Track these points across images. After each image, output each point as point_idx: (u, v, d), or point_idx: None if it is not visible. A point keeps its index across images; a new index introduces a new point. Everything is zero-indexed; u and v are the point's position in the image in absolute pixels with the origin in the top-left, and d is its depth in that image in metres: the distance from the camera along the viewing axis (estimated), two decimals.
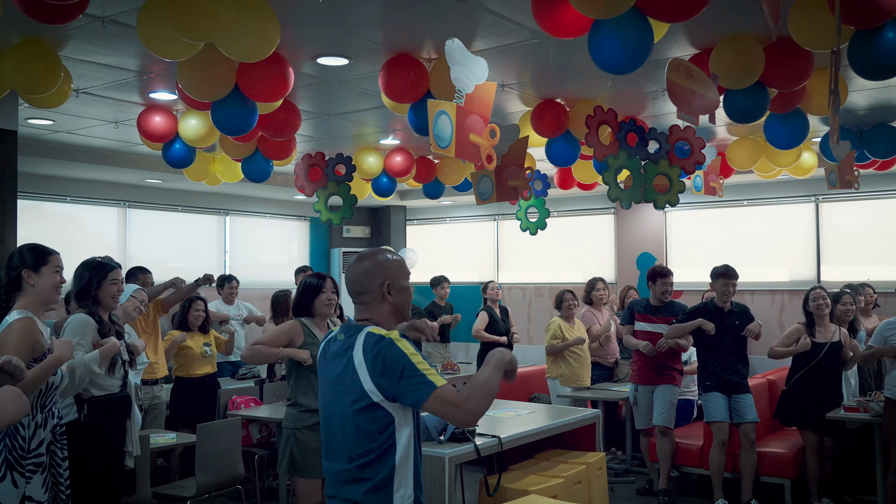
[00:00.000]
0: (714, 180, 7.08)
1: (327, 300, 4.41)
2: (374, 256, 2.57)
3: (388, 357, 2.34)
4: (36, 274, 3.24)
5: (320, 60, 4.97)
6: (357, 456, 2.43)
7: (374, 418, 2.39)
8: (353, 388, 2.41)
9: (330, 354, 2.55)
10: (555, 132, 5.80)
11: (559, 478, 4.81)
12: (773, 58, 4.35)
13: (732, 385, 5.93)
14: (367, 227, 11.90)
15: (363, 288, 2.53)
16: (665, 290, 6.45)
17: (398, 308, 2.56)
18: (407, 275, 2.60)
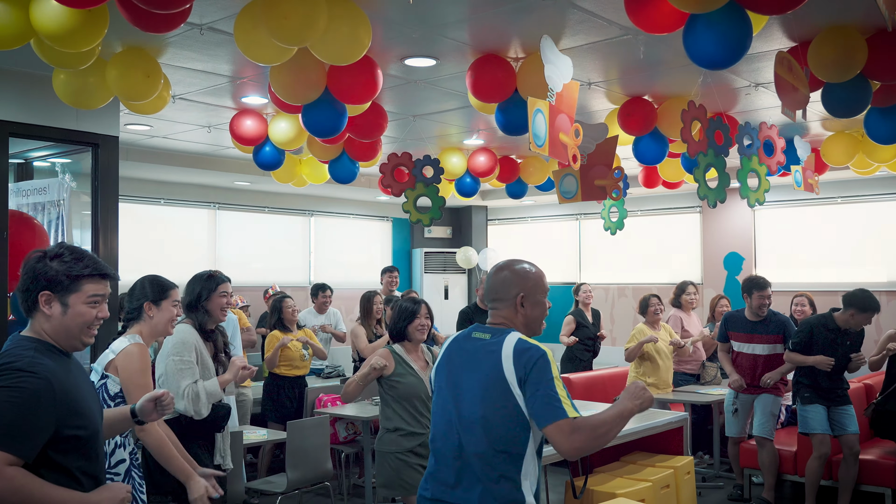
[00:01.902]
0: (811, 177, 6.84)
1: (420, 326, 4.44)
2: (512, 266, 2.64)
3: (533, 363, 2.39)
4: (156, 307, 3.38)
5: (408, 62, 5.01)
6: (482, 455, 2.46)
7: (510, 420, 2.42)
8: (495, 383, 2.44)
9: (468, 351, 2.58)
10: (642, 130, 5.70)
11: (647, 481, 4.74)
12: (876, 49, 4.18)
13: (834, 397, 5.69)
14: (448, 228, 11.95)
15: (499, 296, 2.60)
16: (762, 303, 6.09)
17: (530, 321, 2.60)
18: (545, 290, 2.64)
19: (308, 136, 5.92)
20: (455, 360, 2.62)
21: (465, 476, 2.49)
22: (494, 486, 2.44)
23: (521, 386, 2.39)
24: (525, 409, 2.40)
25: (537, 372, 2.37)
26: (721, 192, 4.81)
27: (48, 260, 2.26)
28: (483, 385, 2.47)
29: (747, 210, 9.38)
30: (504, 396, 2.42)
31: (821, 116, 6.23)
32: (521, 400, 2.40)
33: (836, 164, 6.91)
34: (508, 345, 2.45)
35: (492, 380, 2.45)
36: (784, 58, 3.97)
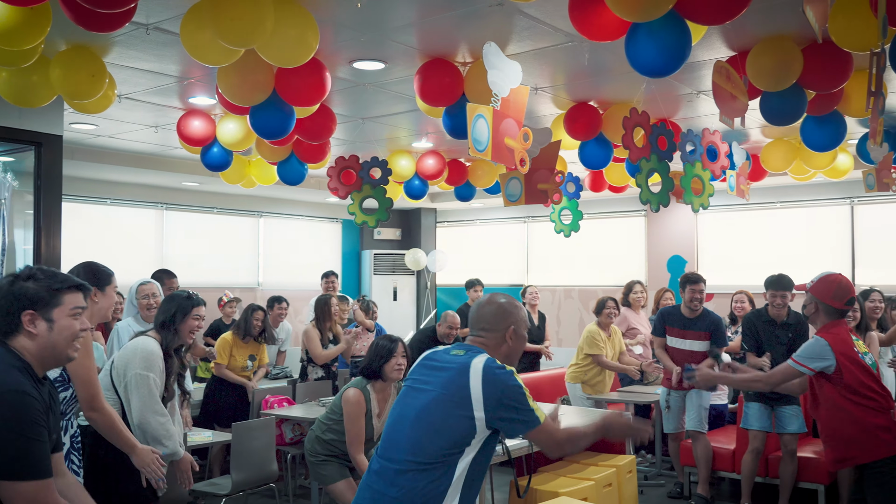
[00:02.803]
0: (743, 183, 7.04)
1: (397, 365, 4.48)
2: (508, 300, 2.75)
3: (508, 386, 2.49)
4: (101, 293, 3.31)
5: (356, 65, 5.03)
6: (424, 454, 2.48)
7: (458, 429, 2.48)
8: (453, 396, 2.50)
9: (440, 363, 2.63)
10: (588, 135, 5.81)
11: (589, 480, 4.82)
12: (811, 59, 4.33)
13: (777, 397, 5.84)
14: (397, 230, 11.97)
15: (490, 326, 2.69)
16: (694, 297, 6.22)
17: (513, 353, 2.72)
18: (528, 326, 2.81)
19: (256, 138, 5.90)
20: (423, 369, 2.68)
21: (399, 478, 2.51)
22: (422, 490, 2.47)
23: (491, 404, 2.46)
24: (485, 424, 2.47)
25: (512, 393, 2.48)
26: (664, 196, 4.92)
27: (22, 281, 2.29)
28: (447, 395, 2.52)
29: (690, 214, 9.60)
30: (459, 407, 2.47)
31: (760, 124, 6.42)
32: (479, 413, 2.46)
33: (774, 170, 7.11)
34: (479, 361, 2.52)
35: (451, 390, 2.50)
36: (722, 67, 4.09)
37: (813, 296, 3.93)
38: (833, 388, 3.75)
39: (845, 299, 3.87)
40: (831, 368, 3.72)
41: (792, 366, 3.84)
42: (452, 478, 2.47)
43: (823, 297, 3.88)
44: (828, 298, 3.86)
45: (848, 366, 3.72)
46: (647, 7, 3.21)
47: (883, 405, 3.73)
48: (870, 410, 3.70)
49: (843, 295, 3.87)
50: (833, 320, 3.88)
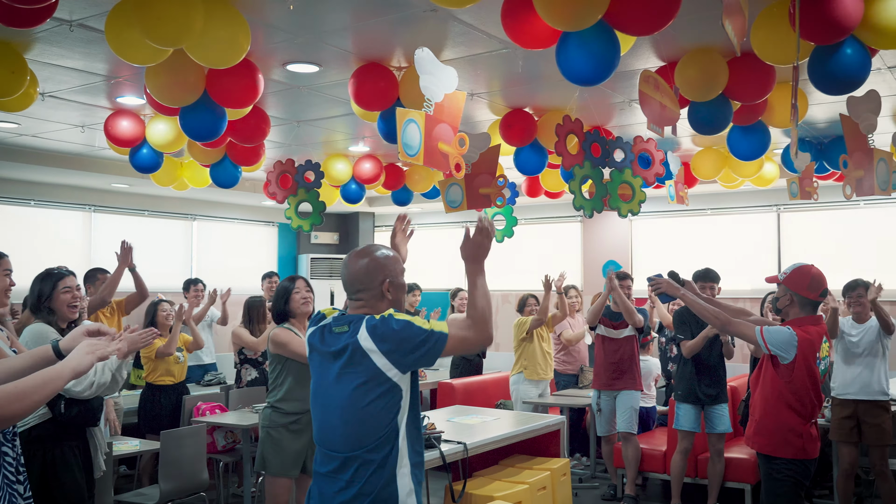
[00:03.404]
0: (681, 189, 7.20)
1: (303, 299, 4.45)
2: (372, 254, 2.62)
3: (397, 331, 2.42)
4: None
5: (290, 67, 4.98)
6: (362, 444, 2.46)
7: (385, 401, 2.45)
8: (363, 372, 2.45)
9: (328, 346, 2.55)
10: (523, 141, 5.85)
11: (524, 484, 4.85)
12: (736, 71, 4.45)
13: (707, 397, 5.99)
14: (335, 234, 11.88)
15: (363, 286, 2.58)
16: (624, 293, 6.49)
17: (396, 304, 2.62)
18: (403, 271, 2.69)
19: (188, 139, 5.79)
20: (318, 356, 2.60)
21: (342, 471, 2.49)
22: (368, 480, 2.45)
23: (395, 356, 2.43)
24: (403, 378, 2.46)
25: (403, 332, 2.43)
26: (598, 202, 4.99)
27: None
28: (353, 377, 2.47)
29: (626, 220, 9.76)
30: (378, 384, 2.44)
31: (690, 133, 6.57)
32: (393, 372, 2.43)
33: (704, 178, 7.28)
34: (363, 331, 2.46)
35: (362, 368, 2.45)
36: (650, 76, 4.17)
37: (787, 287, 3.87)
38: (777, 376, 3.79)
39: (819, 290, 3.84)
40: (786, 360, 3.74)
41: (756, 334, 3.78)
42: (398, 441, 2.47)
43: (798, 289, 3.83)
44: (803, 290, 3.82)
45: (801, 369, 3.75)
46: (576, 17, 3.25)
47: (809, 413, 3.81)
48: (794, 412, 3.77)
49: (818, 286, 3.84)
50: (807, 314, 3.85)
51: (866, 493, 6.36)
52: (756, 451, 3.96)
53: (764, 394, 3.87)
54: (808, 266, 3.90)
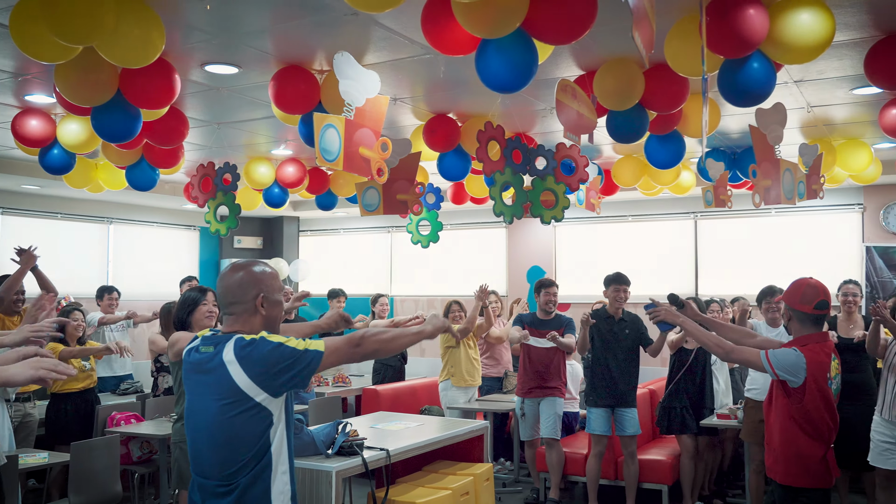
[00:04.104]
0: (594, 197, 7.32)
1: (208, 312, 4.35)
2: (248, 268, 2.56)
3: (264, 354, 2.37)
4: None
5: (209, 68, 4.88)
6: (233, 469, 2.40)
7: (252, 422, 2.38)
8: (228, 396, 2.38)
9: (194, 367, 2.50)
10: (446, 147, 5.87)
11: (447, 489, 4.85)
12: (652, 82, 4.56)
13: (617, 399, 6.12)
14: (259, 238, 11.69)
15: (236, 299, 2.51)
16: (549, 300, 6.62)
17: (270, 321, 2.56)
18: (280, 288, 2.62)
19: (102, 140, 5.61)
20: (190, 378, 2.54)
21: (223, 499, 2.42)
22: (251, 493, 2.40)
23: (267, 379, 2.37)
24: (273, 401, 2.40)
25: (272, 354, 2.38)
26: (518, 209, 5.04)
27: None
28: (217, 399, 2.41)
29: (550, 226, 9.88)
30: (240, 404, 2.38)
31: (610, 140, 6.70)
32: (261, 396, 2.38)
33: (625, 185, 7.44)
34: (229, 351, 2.40)
35: (225, 391, 2.39)
36: (567, 85, 4.23)
37: (785, 303, 3.73)
38: (788, 402, 3.58)
39: (814, 303, 3.62)
40: (796, 384, 3.53)
41: (761, 359, 3.58)
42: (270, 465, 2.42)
43: (792, 303, 3.67)
44: (796, 303, 3.64)
45: (814, 391, 3.53)
46: (495, 24, 3.28)
47: (827, 438, 3.61)
48: (811, 438, 3.57)
49: (812, 298, 3.62)
50: (810, 330, 3.65)
51: None
52: (776, 481, 3.70)
53: (779, 421, 3.63)
54: (805, 279, 3.72)
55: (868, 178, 7.13)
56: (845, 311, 6.15)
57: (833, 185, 7.45)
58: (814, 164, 5.83)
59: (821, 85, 5.25)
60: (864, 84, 5.00)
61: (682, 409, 6.23)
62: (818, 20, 3.67)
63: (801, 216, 8.75)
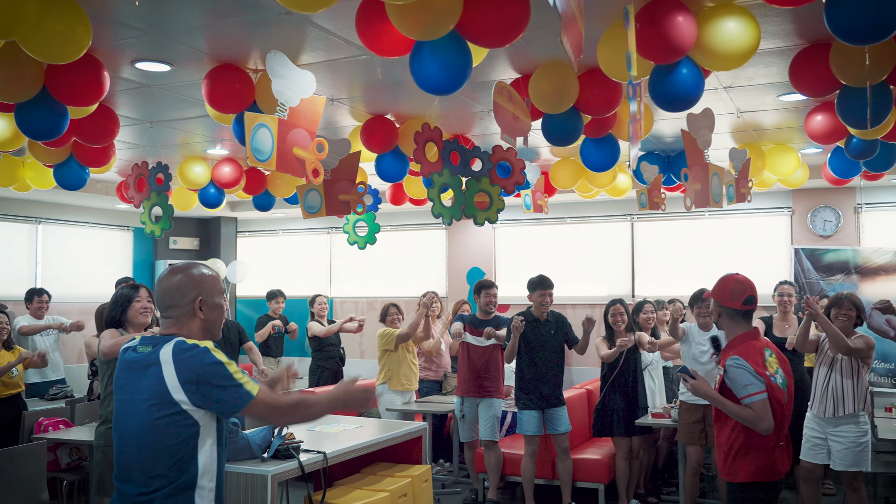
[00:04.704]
0: (540, 198, 7.40)
1: (142, 308, 4.29)
2: (187, 270, 2.52)
3: (202, 364, 2.33)
4: None
5: (139, 65, 4.77)
6: (156, 474, 2.35)
7: (177, 428, 2.34)
8: (156, 397, 2.34)
9: (129, 366, 2.45)
10: (384, 148, 5.86)
11: (384, 491, 4.83)
12: (586, 86, 4.63)
13: (546, 400, 6.19)
14: (195, 239, 11.49)
15: (174, 302, 2.48)
16: (489, 301, 6.67)
17: (209, 325, 2.52)
18: (221, 292, 2.58)
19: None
20: (119, 379, 2.49)
21: None
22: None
23: (192, 390, 2.32)
24: (197, 412, 2.35)
25: (209, 368, 2.33)
26: (456, 210, 5.04)
27: None
28: (148, 400, 2.36)
29: (489, 227, 9.96)
30: (166, 406, 2.34)
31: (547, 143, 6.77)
32: (187, 406, 2.33)
33: (562, 188, 7.53)
34: (167, 352, 2.36)
35: (156, 393, 2.35)
36: (503, 88, 4.27)
37: (713, 300, 3.69)
38: (738, 401, 3.50)
39: (742, 298, 3.60)
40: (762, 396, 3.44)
41: (746, 405, 3.45)
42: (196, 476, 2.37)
43: (721, 300, 3.65)
44: (725, 300, 3.63)
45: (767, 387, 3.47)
46: (428, 26, 3.28)
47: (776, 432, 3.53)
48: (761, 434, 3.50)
49: (740, 294, 3.60)
50: (741, 327, 3.64)
51: (709, 488, 6.74)
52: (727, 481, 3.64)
53: (729, 423, 3.57)
54: (731, 275, 3.70)
55: (796, 182, 7.36)
56: (781, 310, 6.33)
57: (763, 188, 7.67)
58: (742, 168, 5.99)
59: (749, 91, 5.40)
60: (790, 91, 5.16)
61: (616, 410, 6.33)
62: (744, 28, 3.78)
63: (734, 219, 8.97)
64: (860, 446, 5.15)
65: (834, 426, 5.20)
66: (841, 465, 5.16)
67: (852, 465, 5.14)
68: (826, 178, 7.24)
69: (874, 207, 8.46)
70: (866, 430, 5.21)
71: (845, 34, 3.33)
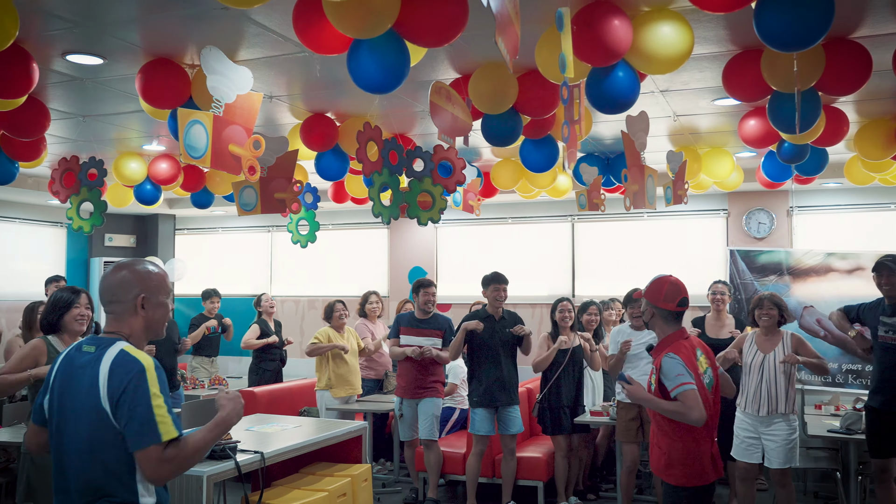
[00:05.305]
0: (472, 199, 7.42)
1: (80, 315, 4.17)
2: (133, 266, 2.47)
3: (134, 384, 2.25)
4: None
5: (71, 58, 4.64)
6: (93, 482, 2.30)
7: (114, 437, 2.27)
8: (92, 403, 2.28)
9: (72, 364, 2.39)
10: (324, 146, 5.81)
11: (323, 491, 4.81)
12: (525, 87, 4.66)
13: (500, 399, 6.22)
14: (132, 236, 11.24)
15: (116, 297, 2.43)
16: (427, 300, 6.64)
17: (152, 324, 2.47)
18: (167, 291, 2.52)
19: None
20: (60, 378, 2.42)
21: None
22: None
23: (114, 406, 2.26)
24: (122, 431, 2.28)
25: (133, 389, 2.25)
26: (395, 209, 5.03)
27: None
28: (84, 405, 2.31)
29: (431, 227, 9.96)
30: (102, 417, 2.29)
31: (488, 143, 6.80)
32: (115, 420, 2.27)
33: (503, 188, 7.57)
34: (108, 359, 2.30)
35: (91, 399, 2.30)
36: (441, 87, 4.27)
37: (647, 300, 3.75)
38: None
39: (677, 300, 3.68)
40: (690, 387, 3.49)
41: (676, 396, 3.50)
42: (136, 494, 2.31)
43: (655, 301, 3.70)
44: (660, 301, 3.69)
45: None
46: (366, 25, 3.26)
47: (708, 433, 3.62)
48: (694, 435, 3.57)
49: (675, 296, 3.68)
50: (672, 327, 3.70)
51: (645, 484, 6.87)
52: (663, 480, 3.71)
53: (664, 422, 3.63)
54: (666, 276, 3.78)
55: (731, 185, 7.54)
56: (714, 309, 6.47)
57: (699, 191, 7.84)
58: (679, 171, 6.11)
59: (685, 95, 5.51)
60: (724, 96, 5.27)
61: (558, 409, 6.39)
62: (678, 33, 3.85)
63: (671, 220, 9.15)
64: (791, 443, 5.32)
65: (767, 425, 5.35)
66: (775, 463, 5.31)
67: (785, 463, 5.30)
68: (760, 182, 7.43)
69: (806, 210, 8.72)
70: (796, 426, 5.38)
71: (774, 41, 3.42)
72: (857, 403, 6.45)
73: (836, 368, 7.45)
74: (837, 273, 7.63)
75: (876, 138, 5.78)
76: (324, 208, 9.54)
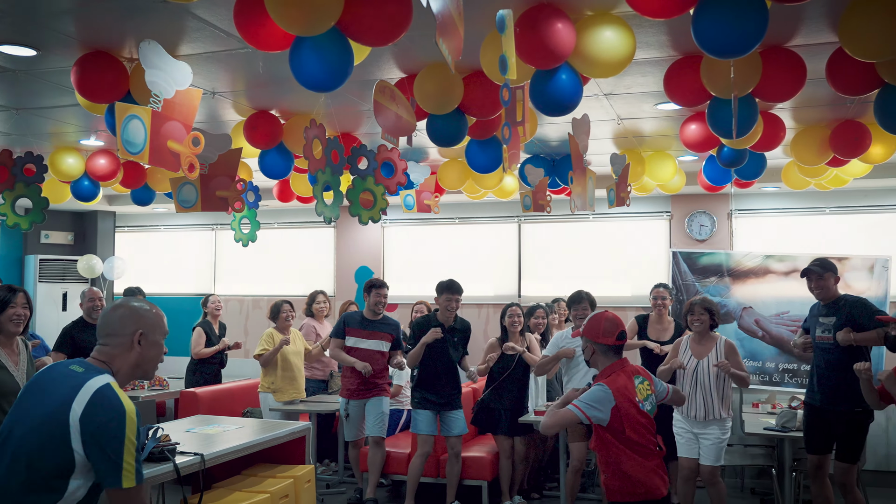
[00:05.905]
0: (428, 198, 7.42)
1: (15, 315, 4.06)
2: (132, 304, 2.55)
3: (111, 420, 2.27)
4: None
5: (2, 49, 4.49)
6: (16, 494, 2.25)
7: (55, 452, 2.25)
8: (56, 414, 2.26)
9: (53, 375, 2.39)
10: (267, 144, 5.74)
11: (265, 493, 4.75)
12: (470, 87, 4.67)
13: (443, 402, 6.22)
14: (69, 234, 10.95)
15: (113, 331, 2.48)
16: (378, 300, 6.59)
17: (145, 361, 2.53)
18: (165, 333, 2.59)
19: None
20: (39, 381, 2.42)
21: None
22: None
23: (85, 436, 2.26)
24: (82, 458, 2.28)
25: (110, 433, 2.27)
26: (335, 209, 5.01)
27: None
28: (46, 413, 2.29)
29: (378, 226, 9.92)
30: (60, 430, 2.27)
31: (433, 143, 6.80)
32: (77, 445, 2.27)
33: (450, 188, 7.57)
34: (92, 385, 2.31)
35: (56, 411, 2.28)
36: (385, 87, 4.25)
37: (585, 337, 3.81)
38: (613, 438, 3.63)
39: (615, 334, 3.75)
40: (605, 421, 3.58)
41: (572, 410, 3.61)
42: None
43: (595, 337, 3.77)
44: (599, 337, 3.75)
45: (630, 417, 3.60)
46: (308, 22, 3.23)
47: (655, 454, 3.69)
48: (642, 457, 3.63)
49: (612, 330, 3.75)
50: (612, 361, 3.76)
51: (588, 483, 6.95)
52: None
53: (607, 456, 3.69)
54: (601, 314, 3.86)
55: (673, 188, 7.67)
56: (656, 312, 6.57)
57: (643, 193, 7.96)
58: (622, 174, 6.19)
59: (628, 99, 5.58)
60: (666, 100, 5.35)
61: (501, 410, 6.42)
62: (620, 38, 3.90)
63: (616, 222, 9.27)
64: (722, 443, 5.46)
65: (702, 427, 5.47)
66: (706, 460, 5.43)
67: (716, 461, 5.43)
68: (701, 185, 7.57)
69: (745, 213, 8.92)
70: (728, 428, 5.53)
71: (710, 47, 3.48)
72: (792, 402, 6.62)
73: (772, 368, 7.63)
74: (775, 275, 7.82)
75: (811, 144, 5.94)
76: (269, 207, 9.43)
